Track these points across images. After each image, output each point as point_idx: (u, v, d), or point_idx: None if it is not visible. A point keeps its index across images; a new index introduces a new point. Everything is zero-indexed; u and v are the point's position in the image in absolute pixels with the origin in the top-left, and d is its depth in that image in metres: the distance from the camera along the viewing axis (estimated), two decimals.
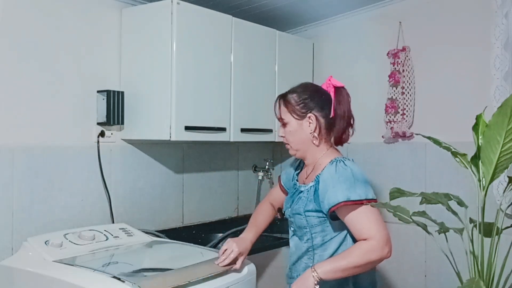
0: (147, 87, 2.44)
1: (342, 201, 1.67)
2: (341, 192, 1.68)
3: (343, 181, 1.70)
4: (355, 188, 1.69)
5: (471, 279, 1.86)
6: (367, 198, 1.70)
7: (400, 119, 2.80)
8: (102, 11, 2.46)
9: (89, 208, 2.40)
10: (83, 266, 1.82)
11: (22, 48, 2.17)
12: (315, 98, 1.82)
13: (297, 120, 1.81)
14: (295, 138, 1.83)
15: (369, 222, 1.67)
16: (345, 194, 1.67)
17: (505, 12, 2.47)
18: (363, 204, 1.68)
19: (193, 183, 2.91)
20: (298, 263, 1.84)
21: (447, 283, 2.48)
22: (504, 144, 1.82)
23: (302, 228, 1.81)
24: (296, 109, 1.81)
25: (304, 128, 1.81)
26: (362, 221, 1.67)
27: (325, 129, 1.82)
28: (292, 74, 3.04)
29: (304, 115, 1.80)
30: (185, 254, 2.15)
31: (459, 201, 2.11)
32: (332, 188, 1.70)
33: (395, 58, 2.81)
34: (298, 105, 1.81)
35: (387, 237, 1.68)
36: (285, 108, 1.83)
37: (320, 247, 1.78)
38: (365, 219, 1.67)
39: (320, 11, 3.04)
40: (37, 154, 2.21)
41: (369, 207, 1.69)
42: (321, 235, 1.77)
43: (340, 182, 1.70)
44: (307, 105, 1.81)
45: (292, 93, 1.85)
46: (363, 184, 1.72)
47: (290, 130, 1.83)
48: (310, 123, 1.80)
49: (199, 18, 2.45)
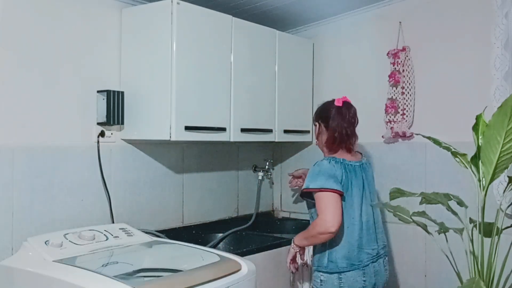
0: (147, 87, 2.44)
1: (304, 188, 2.25)
2: (307, 181, 2.25)
3: (311, 173, 2.25)
4: (316, 179, 2.21)
5: (471, 279, 1.86)
6: (323, 187, 2.18)
7: (400, 119, 2.80)
8: (102, 11, 2.46)
9: (89, 208, 2.40)
10: (83, 266, 1.82)
11: (22, 48, 2.17)
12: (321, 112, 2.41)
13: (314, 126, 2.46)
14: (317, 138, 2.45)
15: (321, 204, 2.19)
16: (307, 183, 2.24)
17: (505, 12, 2.47)
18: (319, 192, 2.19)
19: (193, 183, 2.91)
20: None
21: (447, 283, 2.48)
22: (504, 144, 1.82)
23: (309, 210, 2.41)
24: (313, 117, 2.47)
25: (316, 132, 2.43)
26: (317, 203, 2.21)
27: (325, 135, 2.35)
28: (292, 74, 3.04)
29: (314, 122, 2.44)
30: (185, 255, 2.15)
31: (459, 201, 2.11)
32: (306, 178, 2.27)
33: (395, 58, 2.81)
34: (315, 114, 2.45)
35: (331, 219, 2.15)
36: None
37: None
38: (319, 201, 2.20)
39: (320, 11, 3.04)
40: (37, 154, 2.21)
41: (324, 193, 2.18)
42: (315, 213, 2.28)
43: (310, 174, 2.26)
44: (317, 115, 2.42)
45: None
46: (325, 178, 2.20)
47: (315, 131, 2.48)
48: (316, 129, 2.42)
49: (199, 18, 2.45)
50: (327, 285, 2.26)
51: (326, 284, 2.26)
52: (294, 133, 3.07)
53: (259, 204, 3.23)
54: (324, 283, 2.26)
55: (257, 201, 3.21)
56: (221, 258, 2.01)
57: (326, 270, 2.25)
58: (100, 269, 1.83)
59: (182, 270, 1.91)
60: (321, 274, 2.27)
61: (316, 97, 3.24)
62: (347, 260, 2.24)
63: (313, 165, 2.28)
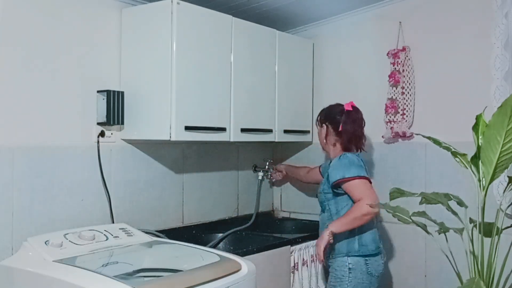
0: (147, 87, 2.44)
1: (339, 178, 2.41)
2: (339, 172, 2.42)
3: (341, 165, 2.44)
4: (350, 169, 2.41)
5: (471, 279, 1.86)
6: (358, 175, 2.40)
7: (400, 119, 2.80)
8: (102, 11, 2.46)
9: (89, 208, 2.40)
10: (83, 266, 1.82)
11: (22, 48, 2.17)
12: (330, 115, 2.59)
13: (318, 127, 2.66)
14: (319, 138, 2.67)
15: (359, 189, 2.39)
16: (342, 174, 2.42)
17: (505, 12, 2.47)
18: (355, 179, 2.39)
19: (193, 183, 2.91)
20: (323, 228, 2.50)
21: (447, 283, 2.48)
22: (504, 144, 1.82)
23: (323, 203, 2.56)
24: (318, 119, 2.66)
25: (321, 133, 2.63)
26: (355, 189, 2.39)
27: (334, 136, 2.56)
28: (292, 74, 3.04)
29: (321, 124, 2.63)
30: (185, 255, 2.15)
31: (459, 201, 2.11)
32: (334, 170, 2.45)
33: (395, 58, 2.81)
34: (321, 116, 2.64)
35: (372, 197, 2.36)
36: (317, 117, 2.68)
37: (335, 215, 2.48)
38: (356, 188, 2.39)
39: (320, 11, 3.04)
40: (37, 154, 2.21)
41: (360, 180, 2.39)
42: (335, 206, 2.49)
43: (340, 166, 2.44)
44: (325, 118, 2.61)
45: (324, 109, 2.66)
46: (356, 167, 2.42)
47: (317, 132, 2.68)
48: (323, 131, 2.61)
49: (199, 18, 2.45)
50: (356, 272, 2.40)
51: (355, 271, 2.40)
52: (294, 133, 3.07)
53: (259, 204, 3.23)
54: (352, 270, 2.40)
55: (257, 201, 3.21)
56: (221, 258, 2.01)
57: (358, 254, 2.41)
58: (100, 269, 1.83)
59: (182, 270, 1.91)
60: (349, 260, 2.41)
61: (316, 97, 3.24)
62: (375, 244, 2.46)
63: (338, 159, 2.47)
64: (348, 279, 2.41)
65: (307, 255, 2.72)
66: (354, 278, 2.41)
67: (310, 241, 2.74)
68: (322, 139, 2.62)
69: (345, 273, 2.41)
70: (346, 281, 2.41)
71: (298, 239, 2.70)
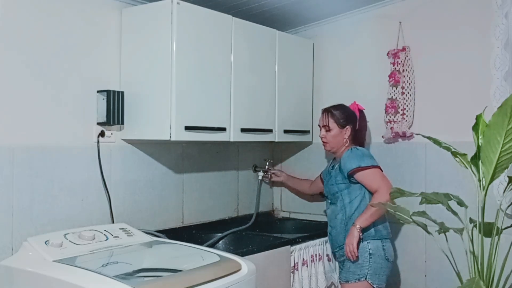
0: (147, 87, 2.44)
1: (355, 167, 2.54)
2: (355, 162, 2.55)
3: (355, 156, 2.57)
4: (363, 159, 2.55)
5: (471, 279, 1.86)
6: (373, 165, 2.55)
7: (400, 119, 2.80)
8: (102, 11, 2.46)
9: (89, 208, 2.40)
10: (83, 266, 1.82)
11: (22, 48, 2.17)
12: (351, 115, 2.70)
13: (339, 129, 2.67)
14: (335, 139, 2.68)
15: (375, 179, 2.52)
16: (357, 163, 2.54)
17: (505, 12, 2.47)
18: (370, 169, 2.53)
19: (193, 183, 2.91)
20: (335, 220, 2.64)
21: (447, 283, 2.48)
22: (504, 144, 1.82)
23: (335, 194, 2.65)
24: (340, 121, 2.67)
25: (342, 134, 2.67)
26: (371, 178, 2.53)
27: (352, 135, 2.68)
28: (292, 74, 3.04)
29: (344, 126, 2.67)
30: (185, 255, 2.15)
31: (459, 201, 2.11)
32: (349, 161, 2.57)
33: (395, 58, 2.81)
34: (342, 119, 2.67)
35: (389, 185, 2.49)
36: (332, 119, 2.68)
37: (349, 204, 2.59)
38: (372, 177, 2.53)
39: (320, 11, 3.04)
40: (37, 154, 2.21)
41: (375, 169, 2.54)
42: (348, 196, 2.60)
43: (354, 157, 2.57)
44: (347, 120, 2.68)
45: (336, 110, 2.70)
46: (369, 158, 2.58)
47: (333, 135, 2.68)
48: (346, 131, 2.67)
49: (199, 18, 2.45)
50: (375, 257, 2.51)
51: (374, 256, 2.51)
52: (294, 133, 3.07)
53: (259, 204, 3.23)
54: (373, 255, 2.50)
55: (257, 201, 3.20)
56: (221, 258, 2.01)
57: (375, 237, 2.52)
58: (100, 269, 1.83)
59: (182, 270, 1.91)
60: (369, 246, 2.50)
61: (316, 97, 3.24)
62: (386, 229, 2.59)
63: (350, 151, 2.60)
64: (369, 264, 2.50)
65: (307, 255, 2.72)
66: (374, 263, 2.50)
67: (310, 241, 2.74)
68: (342, 140, 2.67)
69: (366, 258, 2.50)
70: (366, 266, 2.50)
71: (298, 239, 2.70)
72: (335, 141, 2.68)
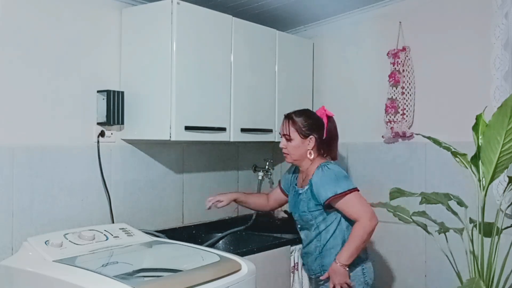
0: (147, 87, 2.44)
1: (331, 196, 2.24)
2: (330, 188, 2.25)
3: (329, 180, 2.26)
4: (339, 183, 2.25)
5: (471, 279, 1.86)
6: (349, 188, 2.25)
7: (400, 119, 2.80)
8: (102, 11, 2.46)
9: (89, 208, 2.40)
10: (83, 266, 1.82)
11: (22, 48, 2.17)
12: (316, 123, 2.38)
13: (301, 139, 2.35)
14: (297, 151, 2.36)
15: (355, 206, 2.24)
16: (333, 190, 2.24)
17: (505, 12, 2.47)
18: (347, 194, 2.24)
19: (193, 183, 2.91)
20: (309, 245, 2.41)
21: (447, 283, 2.48)
22: (504, 144, 1.83)
23: (309, 222, 2.36)
24: (302, 130, 2.35)
25: (305, 145, 2.36)
26: (350, 206, 2.25)
27: (318, 145, 2.37)
28: (292, 74, 3.04)
29: (307, 136, 2.35)
30: (185, 255, 2.15)
31: (459, 201, 2.12)
32: (322, 187, 2.27)
33: (395, 58, 2.81)
34: (304, 127, 2.35)
35: (371, 212, 2.23)
36: (293, 128, 2.36)
37: (324, 230, 2.34)
38: (351, 204, 2.25)
39: (320, 11, 3.04)
40: (37, 154, 2.21)
41: (352, 194, 2.24)
42: (324, 222, 2.33)
43: (328, 181, 2.26)
44: (310, 128, 2.35)
45: (299, 117, 2.38)
46: (344, 180, 2.28)
47: (294, 145, 2.36)
48: (309, 142, 2.35)
49: (199, 18, 2.45)
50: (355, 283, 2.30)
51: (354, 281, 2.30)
52: None
53: None
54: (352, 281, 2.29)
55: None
56: (221, 258, 2.01)
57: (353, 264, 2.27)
58: (100, 269, 1.83)
59: (182, 270, 1.91)
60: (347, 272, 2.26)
61: (316, 97, 3.24)
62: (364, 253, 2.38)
63: (321, 170, 2.29)
64: None
65: None
66: None
67: None
68: (305, 152, 2.36)
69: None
70: None
71: (298, 239, 2.69)
72: (297, 153, 2.36)
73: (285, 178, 2.64)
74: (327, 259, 2.33)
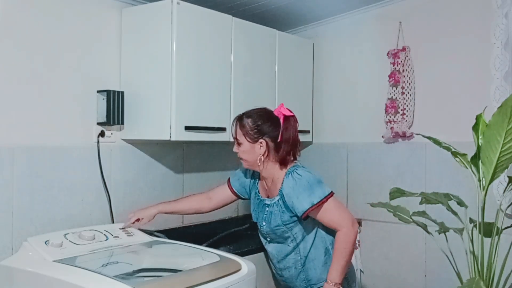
0: (147, 87, 2.44)
1: (308, 207, 2.02)
2: (306, 200, 2.03)
3: (303, 189, 2.04)
4: (314, 191, 2.03)
5: (471, 279, 1.86)
6: (325, 195, 2.04)
7: (400, 119, 2.80)
8: (102, 11, 2.46)
9: (89, 208, 2.40)
10: (83, 266, 1.82)
11: (22, 48, 2.17)
12: (267, 124, 2.09)
13: (250, 143, 2.10)
14: (248, 156, 2.12)
15: (333, 214, 2.05)
16: (309, 201, 2.02)
17: (505, 12, 2.47)
18: (324, 203, 2.03)
19: (193, 183, 2.91)
20: (286, 260, 2.19)
21: (447, 283, 2.48)
22: (504, 144, 1.82)
23: (283, 235, 2.14)
24: (250, 133, 2.09)
25: (256, 150, 2.10)
26: (329, 215, 2.05)
27: (273, 150, 2.10)
28: (292, 74, 3.04)
29: (257, 140, 2.09)
30: (185, 255, 2.15)
31: (459, 201, 2.12)
32: (296, 198, 2.04)
33: (395, 58, 2.82)
34: (252, 130, 2.09)
35: (351, 218, 2.06)
36: (240, 131, 2.12)
37: (302, 241, 2.14)
38: (329, 213, 2.05)
39: (320, 11, 3.04)
40: (37, 154, 2.21)
41: (330, 201, 2.04)
42: (301, 233, 2.13)
43: (301, 191, 2.03)
44: (260, 131, 2.08)
45: (248, 118, 2.11)
46: (318, 185, 2.05)
47: (244, 150, 2.12)
48: (261, 146, 2.09)
49: (199, 18, 2.45)
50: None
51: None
52: None
53: None
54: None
55: None
56: (221, 258, 2.01)
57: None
58: (100, 269, 1.83)
59: (182, 270, 1.91)
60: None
61: (316, 97, 3.24)
62: None
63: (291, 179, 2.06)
64: None
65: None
66: None
67: None
68: (257, 158, 2.09)
69: None
70: None
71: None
72: (250, 159, 2.11)
73: (240, 180, 2.37)
74: (311, 272, 2.14)
